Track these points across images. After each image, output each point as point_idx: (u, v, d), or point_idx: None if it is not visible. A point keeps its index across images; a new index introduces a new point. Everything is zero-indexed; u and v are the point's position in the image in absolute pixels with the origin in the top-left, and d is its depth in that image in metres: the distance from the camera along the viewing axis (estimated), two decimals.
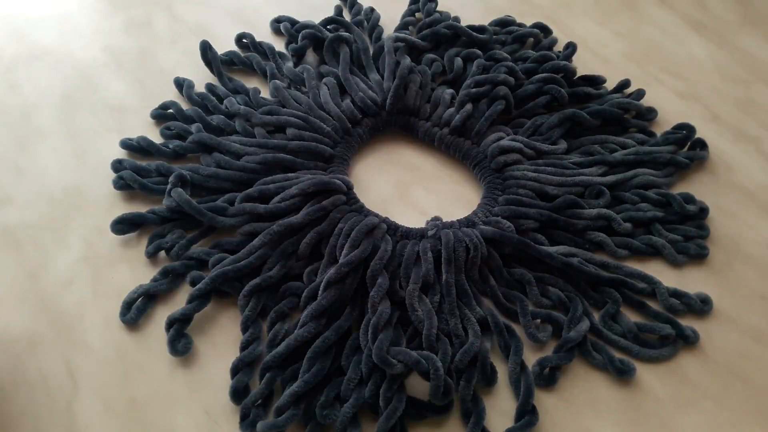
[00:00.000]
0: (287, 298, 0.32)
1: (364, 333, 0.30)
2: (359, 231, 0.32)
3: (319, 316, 0.30)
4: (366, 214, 0.34)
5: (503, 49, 0.43)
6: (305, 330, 0.29)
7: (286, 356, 0.29)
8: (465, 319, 0.31)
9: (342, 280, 0.31)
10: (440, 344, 0.30)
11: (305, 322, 0.30)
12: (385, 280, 0.31)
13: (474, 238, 0.33)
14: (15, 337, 0.31)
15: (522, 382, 0.30)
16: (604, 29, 0.48)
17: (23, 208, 0.36)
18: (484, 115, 0.39)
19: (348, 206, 0.35)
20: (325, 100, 0.39)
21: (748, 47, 0.47)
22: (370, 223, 0.33)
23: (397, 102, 0.39)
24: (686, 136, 0.40)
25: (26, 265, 0.34)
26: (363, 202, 0.36)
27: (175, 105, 0.40)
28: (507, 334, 0.31)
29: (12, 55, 0.44)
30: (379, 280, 0.31)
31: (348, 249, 0.32)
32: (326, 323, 0.30)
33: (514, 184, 0.36)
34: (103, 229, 0.35)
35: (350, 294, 0.31)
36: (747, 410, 0.30)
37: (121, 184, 0.36)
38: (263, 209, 0.34)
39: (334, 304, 0.31)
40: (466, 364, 0.30)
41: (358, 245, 0.32)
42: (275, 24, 0.46)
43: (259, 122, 0.38)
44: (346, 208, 0.34)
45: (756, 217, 0.37)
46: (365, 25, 0.45)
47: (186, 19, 0.47)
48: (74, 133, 0.40)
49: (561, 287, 0.33)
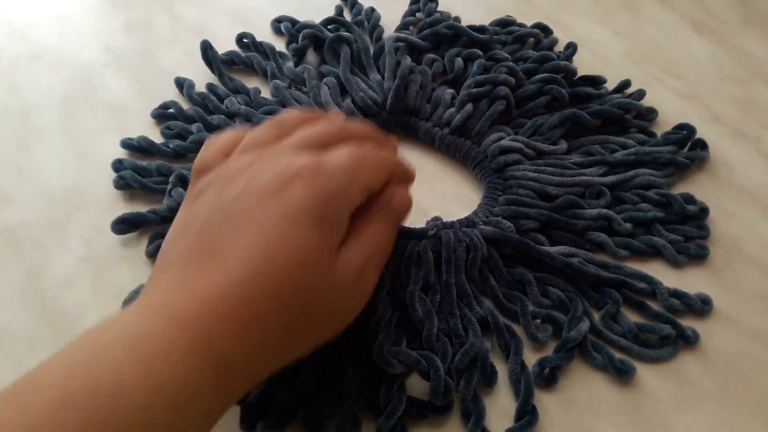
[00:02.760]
0: None
1: (364, 333, 0.30)
2: None
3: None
4: None
5: (504, 49, 0.43)
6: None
7: None
8: (465, 319, 0.31)
9: None
10: (440, 344, 0.30)
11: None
12: (384, 284, 0.31)
13: (474, 239, 0.33)
14: (15, 337, 0.32)
15: (522, 382, 0.30)
16: (604, 29, 0.48)
17: (23, 208, 0.36)
18: (485, 116, 0.39)
19: None
20: (325, 100, 0.39)
21: (749, 47, 0.47)
22: None
23: (398, 102, 0.39)
24: (686, 136, 0.40)
25: (26, 265, 0.34)
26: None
27: (176, 105, 0.40)
28: (507, 334, 0.31)
29: (12, 55, 0.44)
30: (379, 282, 0.31)
31: None
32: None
33: (515, 185, 0.36)
34: (103, 229, 0.35)
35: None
36: (747, 410, 0.30)
37: (122, 184, 0.36)
38: None
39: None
40: (466, 364, 0.30)
41: None
42: (276, 24, 0.46)
43: (260, 122, 0.38)
44: None
45: (756, 217, 0.37)
46: (366, 26, 0.45)
47: (186, 19, 0.47)
48: (74, 133, 0.40)
49: (561, 287, 0.33)
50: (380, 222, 0.27)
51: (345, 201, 0.25)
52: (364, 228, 0.27)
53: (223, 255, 0.23)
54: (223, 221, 0.24)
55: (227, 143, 0.28)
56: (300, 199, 0.24)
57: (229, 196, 0.24)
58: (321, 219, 0.24)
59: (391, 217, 0.28)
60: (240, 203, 0.24)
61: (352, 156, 0.26)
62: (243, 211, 0.24)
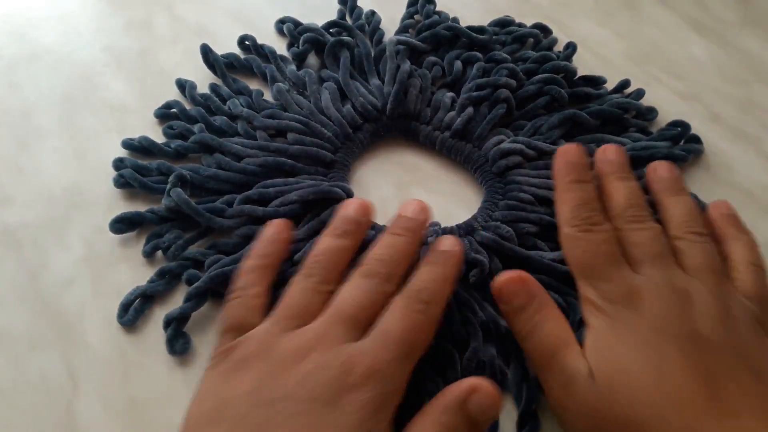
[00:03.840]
0: None
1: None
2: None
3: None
4: None
5: (503, 49, 0.43)
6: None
7: None
8: (468, 324, 0.31)
9: None
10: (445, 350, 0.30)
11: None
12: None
13: (481, 258, 0.33)
14: (15, 337, 0.32)
15: (524, 388, 0.30)
16: (604, 29, 0.48)
17: (23, 208, 0.36)
18: (486, 119, 0.39)
19: None
20: (326, 105, 0.39)
21: (749, 47, 0.47)
22: (366, 240, 0.33)
23: (398, 106, 0.39)
24: (681, 133, 0.40)
25: (26, 265, 0.34)
26: None
27: (179, 105, 0.40)
28: (508, 340, 0.31)
29: (12, 55, 0.44)
30: None
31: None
32: None
33: (516, 188, 0.36)
34: (103, 229, 0.35)
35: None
36: None
37: (122, 182, 0.36)
38: (262, 212, 0.34)
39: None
40: (473, 368, 0.30)
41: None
42: (279, 25, 0.46)
43: (261, 125, 0.38)
44: None
45: (756, 217, 0.37)
46: (366, 29, 0.45)
47: (186, 19, 0.47)
48: (74, 132, 0.40)
49: (562, 291, 0.33)
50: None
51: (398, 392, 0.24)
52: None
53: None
54: (266, 425, 0.21)
55: (259, 297, 0.27)
56: (358, 411, 0.22)
57: (277, 391, 0.22)
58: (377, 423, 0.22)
59: (460, 423, 0.23)
60: (289, 406, 0.22)
61: (406, 328, 0.24)
62: (291, 417, 0.21)
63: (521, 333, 0.27)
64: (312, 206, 0.35)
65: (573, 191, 0.30)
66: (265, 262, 0.29)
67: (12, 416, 0.29)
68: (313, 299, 0.26)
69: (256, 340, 0.25)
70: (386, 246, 0.28)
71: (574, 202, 0.30)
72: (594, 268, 0.28)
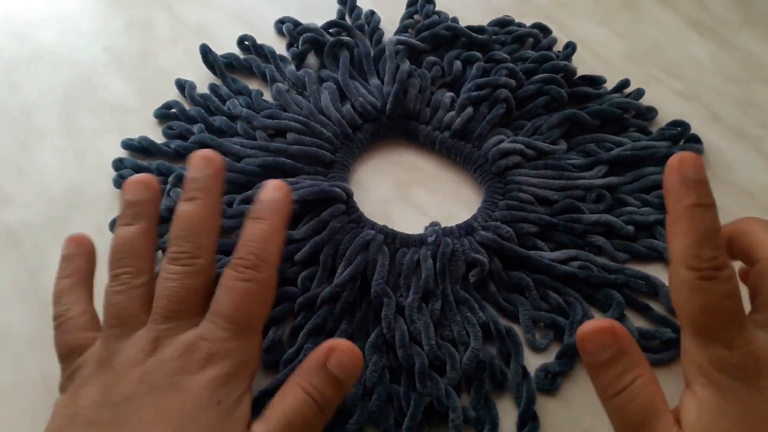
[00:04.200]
0: (282, 303, 0.32)
1: (371, 347, 0.30)
2: (353, 251, 0.33)
3: (315, 334, 0.31)
4: (363, 225, 0.34)
5: (502, 49, 0.43)
6: (304, 352, 0.30)
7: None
8: (468, 324, 0.31)
9: (336, 298, 0.31)
10: (445, 351, 0.30)
11: (302, 344, 0.30)
12: (392, 300, 0.31)
13: (480, 257, 0.33)
14: (15, 337, 0.32)
15: (524, 387, 0.30)
16: (604, 29, 0.48)
17: (23, 208, 0.36)
18: (486, 119, 0.39)
19: (347, 216, 0.35)
20: (325, 105, 0.39)
21: (748, 47, 0.47)
22: (365, 240, 0.33)
23: (397, 106, 0.39)
24: (681, 132, 0.40)
25: (26, 265, 0.34)
26: (363, 207, 0.36)
27: (179, 105, 0.40)
28: (508, 340, 0.31)
29: (12, 55, 0.44)
30: (385, 300, 0.31)
31: (342, 268, 0.32)
32: (325, 338, 0.30)
33: (515, 188, 0.36)
34: (103, 229, 0.35)
35: (347, 307, 0.31)
36: None
37: (122, 183, 0.36)
38: None
39: (330, 319, 0.31)
40: (473, 369, 0.30)
41: (353, 262, 0.32)
42: (278, 25, 0.46)
43: (261, 126, 0.38)
44: (344, 218, 0.35)
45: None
46: (366, 29, 0.45)
47: (186, 19, 0.47)
48: (74, 133, 0.40)
49: (561, 291, 0.33)
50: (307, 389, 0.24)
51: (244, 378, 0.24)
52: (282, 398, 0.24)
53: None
54: (113, 424, 0.23)
55: (84, 315, 0.27)
56: (204, 388, 0.23)
57: (120, 394, 0.23)
58: (218, 402, 0.23)
59: (324, 384, 0.24)
60: (133, 403, 0.23)
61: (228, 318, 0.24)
62: (138, 411, 0.23)
63: (606, 393, 0.24)
64: (312, 206, 0.35)
65: (694, 220, 0.23)
66: (77, 279, 0.28)
67: (12, 416, 0.29)
68: (131, 300, 0.26)
69: (94, 358, 0.25)
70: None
71: (695, 236, 0.23)
72: (712, 330, 0.22)
